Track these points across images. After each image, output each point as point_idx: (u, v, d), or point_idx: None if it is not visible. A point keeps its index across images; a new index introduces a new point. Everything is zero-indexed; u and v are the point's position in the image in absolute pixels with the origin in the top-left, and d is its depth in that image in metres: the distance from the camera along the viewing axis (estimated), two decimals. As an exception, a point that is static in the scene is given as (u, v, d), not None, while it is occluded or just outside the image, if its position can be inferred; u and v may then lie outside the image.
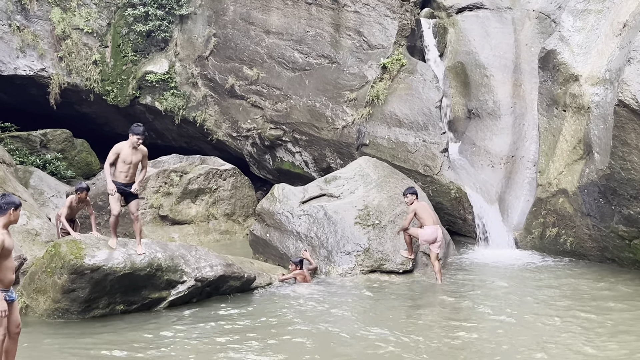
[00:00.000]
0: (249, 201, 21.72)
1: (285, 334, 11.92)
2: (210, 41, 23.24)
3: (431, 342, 11.15)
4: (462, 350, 10.78)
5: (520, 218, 18.72)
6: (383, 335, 11.57)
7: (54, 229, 16.91)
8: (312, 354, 10.63)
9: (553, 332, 11.59)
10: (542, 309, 13.07)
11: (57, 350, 11.03)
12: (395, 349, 10.83)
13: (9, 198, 8.87)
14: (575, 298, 13.78)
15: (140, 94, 23.89)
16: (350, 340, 11.46)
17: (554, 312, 12.77)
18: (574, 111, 16.76)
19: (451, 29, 21.96)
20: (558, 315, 12.61)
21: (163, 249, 13.55)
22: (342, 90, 21.04)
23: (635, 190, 14.61)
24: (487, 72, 20.88)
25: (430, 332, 11.89)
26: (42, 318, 12.59)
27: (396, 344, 11.07)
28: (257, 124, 22.57)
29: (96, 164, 24.29)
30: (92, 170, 24.00)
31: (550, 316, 12.53)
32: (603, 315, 12.53)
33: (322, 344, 11.22)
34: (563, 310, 12.96)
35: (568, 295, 14.04)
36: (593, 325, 11.93)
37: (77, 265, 12.37)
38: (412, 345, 10.99)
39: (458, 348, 10.86)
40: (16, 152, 22.55)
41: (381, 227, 16.29)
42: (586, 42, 17.00)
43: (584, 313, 12.68)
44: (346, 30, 21.38)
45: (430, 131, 19.67)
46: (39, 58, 23.32)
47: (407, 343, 11.12)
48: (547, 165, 17.58)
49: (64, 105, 23.94)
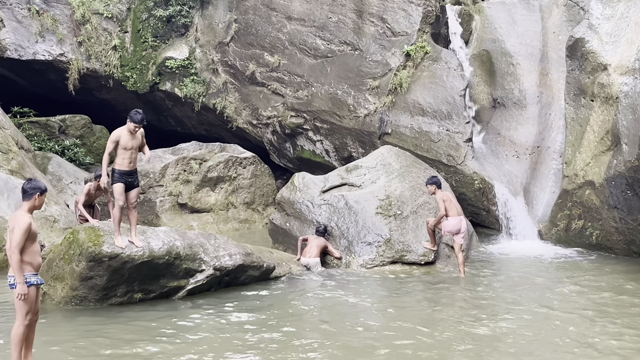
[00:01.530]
0: (269, 190, 21.78)
1: (304, 325, 11.96)
2: (231, 27, 23.26)
3: (454, 336, 11.14)
4: (485, 345, 10.76)
5: (545, 210, 18.65)
6: (404, 328, 11.58)
7: (72, 215, 17.06)
8: (331, 347, 10.66)
9: (578, 328, 11.53)
10: (568, 303, 12.99)
11: (75, 337, 11.13)
12: (417, 342, 10.83)
13: (35, 183, 8.98)
14: (601, 293, 13.68)
15: (160, 80, 23.98)
16: (370, 333, 11.49)
17: (578, 307, 12.71)
18: (602, 101, 16.64)
19: (477, 16, 21.86)
20: (583, 310, 12.55)
21: (182, 238, 13.59)
22: (365, 78, 21.00)
23: (664, 183, 14.52)
24: (513, 61, 20.78)
25: (453, 326, 11.86)
26: (60, 305, 12.69)
27: (418, 337, 11.07)
28: (278, 111, 22.60)
29: (115, 151, 24.38)
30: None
31: (575, 311, 12.47)
32: (629, 312, 12.47)
33: (341, 336, 11.24)
34: (589, 305, 12.89)
35: (594, 289, 13.94)
36: (619, 321, 11.87)
37: (95, 253, 12.46)
38: (435, 340, 10.98)
39: (481, 343, 10.84)
40: (35, 138, 22.71)
41: (403, 217, 16.28)
42: (615, 30, 16.86)
43: (611, 308, 12.62)
44: (369, 17, 21.32)
45: (454, 120, 19.61)
46: (58, 43, 23.44)
47: (429, 337, 11.11)
48: (574, 156, 17.48)
49: (83, 91, 24.07)
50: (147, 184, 20.24)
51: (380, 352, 10.39)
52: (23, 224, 8.54)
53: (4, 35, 22.86)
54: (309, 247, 15.73)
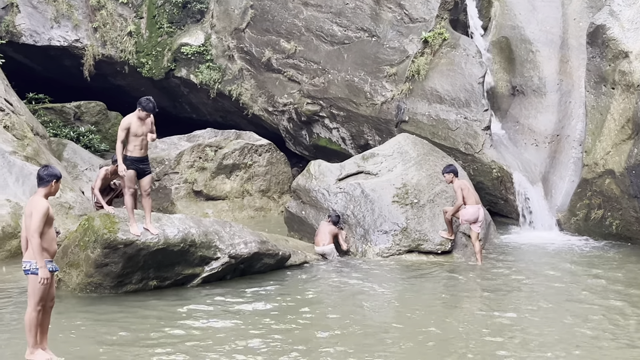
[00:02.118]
0: (285, 177, 21.79)
1: (319, 313, 11.99)
2: (247, 13, 23.23)
3: (471, 327, 11.13)
4: (502, 336, 10.74)
5: (564, 199, 18.58)
6: (420, 318, 11.58)
7: (87, 202, 17.15)
8: (349, 336, 10.68)
9: (597, 319, 11.48)
10: (587, 294, 12.94)
11: (90, 323, 11.20)
12: (434, 332, 10.84)
13: (51, 170, 9.04)
14: (621, 284, 13.63)
15: (175, 66, 24.00)
16: (385, 321, 11.51)
17: (598, 298, 12.65)
18: (623, 89, 16.53)
19: (496, 3, 21.73)
20: (603, 300, 12.51)
21: (197, 225, 13.63)
22: (382, 65, 20.94)
23: (686, 172, 14.42)
24: (532, 48, 20.67)
25: (470, 316, 11.87)
26: (75, 292, 12.78)
27: (434, 327, 11.08)
28: (294, 98, 22.58)
29: (130, 138, 24.46)
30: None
31: (595, 301, 12.42)
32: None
33: (357, 325, 11.26)
34: (609, 295, 12.83)
35: (612, 280, 13.90)
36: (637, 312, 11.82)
37: (110, 240, 12.52)
38: (451, 330, 10.98)
39: (498, 334, 10.82)
40: (50, 124, 22.81)
41: (420, 206, 16.25)
42: (637, 17, 16.75)
43: (635, 298, 12.58)
44: (387, 3, 21.22)
45: (472, 108, 19.53)
46: (73, 29, 23.50)
47: (446, 327, 11.12)
48: (594, 144, 17.38)
49: (98, 77, 24.14)
50: (162, 171, 20.30)
51: (393, 340, 10.40)
52: (41, 207, 8.61)
53: (19, 20, 22.93)
54: (321, 235, 15.70)
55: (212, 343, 10.34)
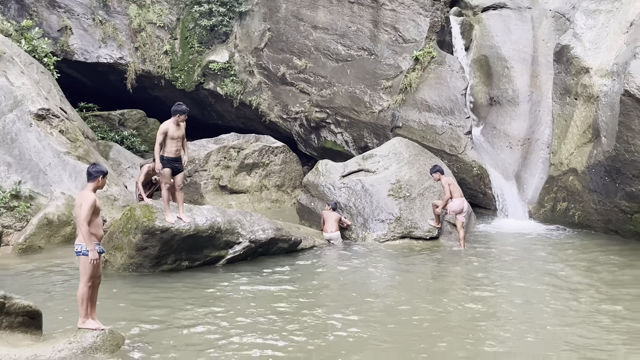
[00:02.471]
0: (297, 174, 21.79)
1: (325, 288, 12.11)
2: (265, 35, 23.24)
3: (454, 299, 11.17)
4: (480, 306, 10.77)
5: (534, 193, 18.55)
6: (411, 289, 11.63)
7: (130, 195, 17.21)
8: (352, 299, 10.73)
9: (565, 294, 11.52)
10: (554, 272, 12.99)
11: (132, 297, 11.27)
12: (423, 302, 10.87)
13: (99, 167, 9.09)
14: (580, 263, 13.68)
15: (204, 80, 24.02)
16: (381, 290, 11.54)
17: (564, 276, 12.70)
18: (585, 100, 16.50)
19: (476, 26, 21.67)
20: (568, 278, 12.55)
21: (222, 214, 13.70)
22: (379, 79, 20.93)
23: (638, 170, 14.39)
24: (507, 64, 20.60)
25: (453, 290, 11.94)
26: (119, 271, 12.85)
27: (423, 298, 11.12)
28: (305, 107, 22.59)
29: (166, 141, 24.51)
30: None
31: (561, 279, 12.46)
32: (606, 278, 12.43)
33: (358, 291, 11.44)
34: (573, 274, 12.89)
35: (574, 260, 13.94)
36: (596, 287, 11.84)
37: (149, 227, 12.58)
38: (438, 302, 11.03)
39: (478, 303, 10.86)
40: (98, 129, 22.87)
41: (411, 198, 16.27)
42: (597, 38, 16.69)
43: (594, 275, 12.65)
44: (384, 26, 21.21)
45: (456, 116, 19.52)
46: (118, 48, 23.54)
47: (433, 299, 11.18)
48: (559, 147, 17.35)
49: (139, 89, 24.19)
50: (193, 168, 20.34)
51: (384, 301, 10.45)
52: (89, 200, 8.68)
53: (72, 41, 23.00)
54: (329, 224, 15.74)
55: (240, 308, 10.57)
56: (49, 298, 11.17)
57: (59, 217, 15.34)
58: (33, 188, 16.12)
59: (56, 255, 14.31)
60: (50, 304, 10.65)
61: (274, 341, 9.17)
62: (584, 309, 10.59)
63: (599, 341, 9.18)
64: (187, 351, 8.88)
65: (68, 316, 9.95)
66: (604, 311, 10.46)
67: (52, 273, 12.95)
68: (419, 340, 9.28)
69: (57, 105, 18.31)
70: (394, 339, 9.34)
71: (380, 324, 9.96)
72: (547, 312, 10.52)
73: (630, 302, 10.94)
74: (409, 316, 10.27)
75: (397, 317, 10.24)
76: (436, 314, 10.40)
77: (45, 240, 15.03)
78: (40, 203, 15.89)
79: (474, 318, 10.22)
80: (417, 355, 8.74)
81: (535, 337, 9.40)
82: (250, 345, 9.05)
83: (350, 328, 9.69)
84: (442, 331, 9.64)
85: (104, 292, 10.41)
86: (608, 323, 9.91)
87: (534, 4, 21.23)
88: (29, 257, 14.27)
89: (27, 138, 16.70)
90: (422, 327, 9.84)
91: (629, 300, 11.06)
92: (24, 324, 8.81)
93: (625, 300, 11.04)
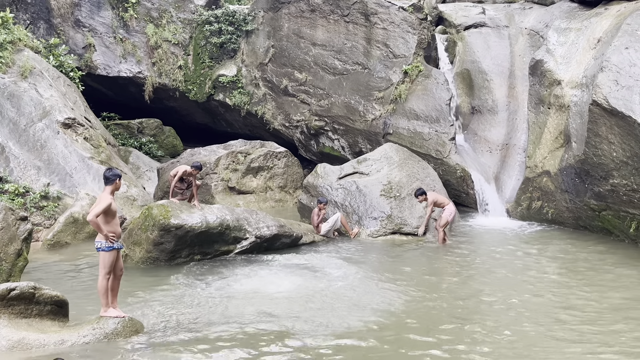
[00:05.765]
0: (298, 177, 21.78)
1: (323, 277, 12.11)
2: (269, 51, 23.26)
3: (441, 281, 11.23)
4: (464, 289, 10.81)
5: (511, 193, 18.54)
6: (402, 282, 11.66)
7: (148, 195, 17.20)
8: (352, 281, 10.78)
9: (541, 283, 11.58)
10: (530, 263, 13.09)
11: (151, 288, 11.29)
12: (413, 285, 10.90)
13: (114, 171, 9.10)
14: (551, 254, 13.80)
15: (214, 92, 24.04)
16: (373, 275, 11.58)
17: (540, 266, 12.81)
18: (557, 109, 16.52)
19: (460, 43, 21.68)
20: (544, 268, 12.62)
21: (231, 213, 13.73)
22: (372, 90, 20.95)
23: (604, 172, 14.42)
24: (487, 77, 20.59)
25: (440, 276, 11.97)
26: (138, 264, 12.88)
27: (414, 281, 11.16)
28: (305, 116, 22.60)
29: (180, 146, 24.55)
30: (177, 151, 24.25)
31: (537, 269, 12.51)
32: (576, 267, 12.48)
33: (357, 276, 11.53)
34: (549, 264, 12.99)
35: (546, 252, 14.05)
36: (569, 277, 11.90)
37: (165, 224, 12.61)
38: (428, 284, 11.08)
39: (461, 288, 10.89)
40: (119, 136, 22.91)
41: (401, 198, 16.28)
42: (567, 54, 16.72)
43: (567, 264, 12.73)
44: (376, 43, 21.23)
45: (441, 123, 19.53)
46: (136, 63, 23.57)
47: (422, 282, 11.27)
48: (534, 151, 17.36)
49: (155, 100, 24.21)
50: (204, 171, 20.32)
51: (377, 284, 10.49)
52: (105, 202, 8.69)
53: (95, 57, 23.04)
54: (314, 223, 15.59)
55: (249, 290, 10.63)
56: (74, 288, 11.20)
57: (83, 215, 15.33)
58: (60, 189, 16.17)
59: (81, 250, 14.35)
60: (75, 294, 10.68)
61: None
62: (555, 291, 10.66)
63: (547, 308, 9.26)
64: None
65: (92, 305, 9.97)
66: (561, 283, 10.52)
67: (77, 266, 12.99)
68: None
69: (82, 115, 18.33)
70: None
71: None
72: (518, 292, 10.56)
73: (587, 280, 11.54)
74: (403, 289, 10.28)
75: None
76: (426, 289, 10.40)
77: (72, 237, 15.05)
78: (66, 203, 15.93)
79: (457, 295, 10.22)
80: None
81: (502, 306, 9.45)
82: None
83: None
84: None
85: (125, 282, 10.43)
86: (565, 292, 10.00)
87: (511, 23, 21.24)
88: (57, 251, 14.31)
89: (55, 144, 16.73)
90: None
91: (585, 279, 11.65)
92: (52, 312, 8.84)
93: (581, 279, 11.67)
